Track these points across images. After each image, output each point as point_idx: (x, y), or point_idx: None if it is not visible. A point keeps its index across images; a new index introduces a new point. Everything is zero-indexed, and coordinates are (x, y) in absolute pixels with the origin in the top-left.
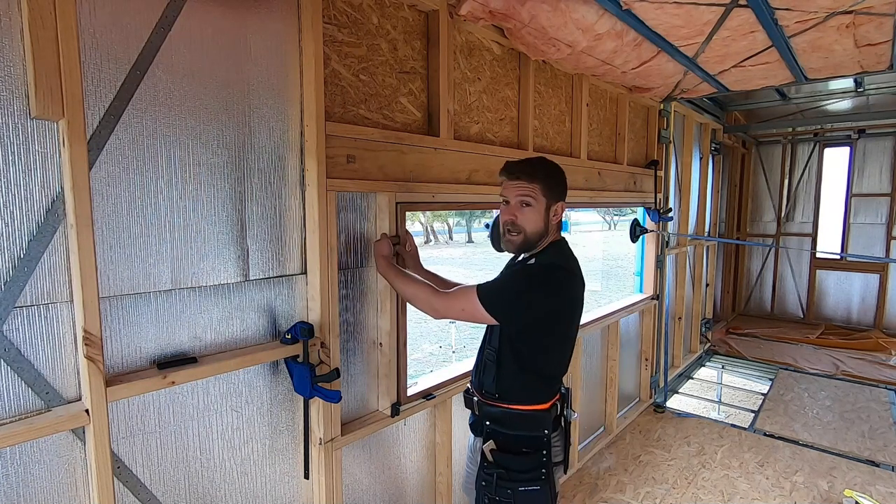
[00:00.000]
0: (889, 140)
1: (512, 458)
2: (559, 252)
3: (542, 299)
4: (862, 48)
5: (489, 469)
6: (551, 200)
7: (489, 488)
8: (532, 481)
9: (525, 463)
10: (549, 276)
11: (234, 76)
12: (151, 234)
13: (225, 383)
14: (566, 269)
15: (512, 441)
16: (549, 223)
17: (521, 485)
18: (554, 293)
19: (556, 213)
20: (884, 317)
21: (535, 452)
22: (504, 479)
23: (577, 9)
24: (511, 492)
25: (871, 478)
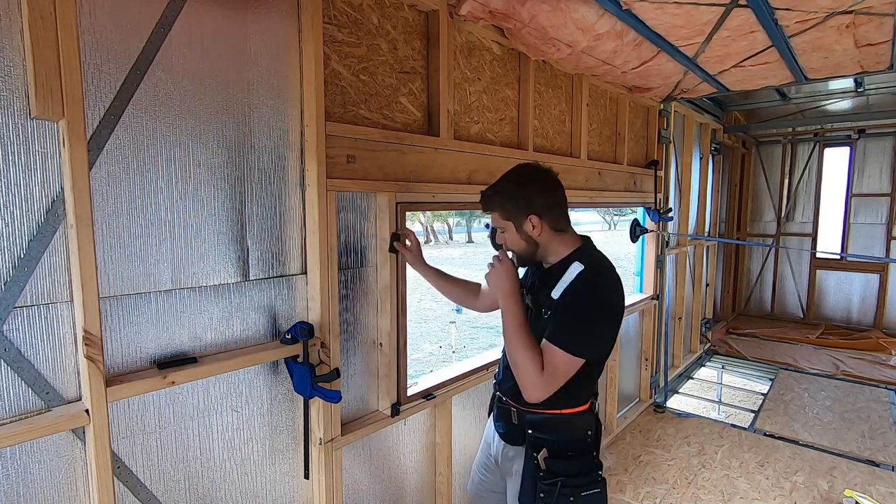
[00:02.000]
0: (889, 140)
1: (567, 463)
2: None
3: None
4: (862, 48)
5: (548, 479)
6: (517, 220)
7: (550, 498)
8: (592, 484)
9: (581, 467)
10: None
11: (234, 76)
12: (151, 234)
13: (225, 383)
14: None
15: (558, 447)
16: (535, 238)
17: (582, 489)
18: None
19: (533, 226)
20: (884, 317)
21: (585, 455)
22: (567, 485)
23: (577, 9)
24: (574, 499)
25: (871, 478)
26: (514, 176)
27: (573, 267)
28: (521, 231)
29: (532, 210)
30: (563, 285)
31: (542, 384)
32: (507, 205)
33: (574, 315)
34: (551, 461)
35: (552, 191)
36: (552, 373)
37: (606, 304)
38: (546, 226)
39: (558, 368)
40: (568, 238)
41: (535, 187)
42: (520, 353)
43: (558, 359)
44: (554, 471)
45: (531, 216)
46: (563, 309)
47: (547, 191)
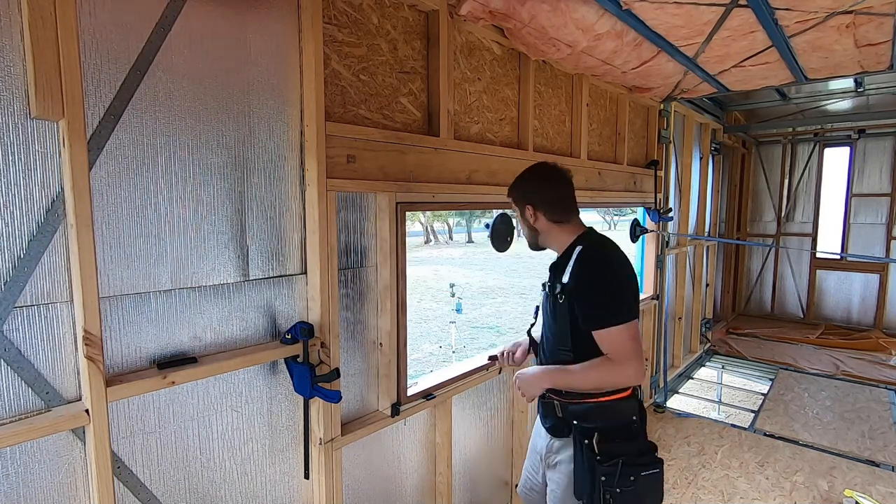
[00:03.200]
0: (889, 140)
1: (622, 445)
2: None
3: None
4: (862, 48)
5: (608, 461)
6: (521, 207)
7: (611, 480)
8: (652, 465)
9: (639, 447)
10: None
11: (234, 76)
12: (151, 233)
13: (225, 383)
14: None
15: (607, 433)
16: (532, 223)
17: (642, 469)
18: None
19: (530, 214)
20: (884, 317)
21: (636, 438)
22: (627, 465)
23: (577, 9)
24: (634, 478)
25: (871, 478)
26: (525, 171)
27: (576, 251)
28: (523, 217)
29: (528, 201)
30: (569, 268)
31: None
32: (516, 192)
33: (591, 292)
34: (606, 444)
35: (551, 186)
36: (620, 351)
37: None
38: (542, 216)
39: (621, 344)
40: (571, 228)
41: (534, 182)
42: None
43: (613, 337)
44: (612, 453)
45: (527, 206)
46: (577, 293)
47: (545, 186)
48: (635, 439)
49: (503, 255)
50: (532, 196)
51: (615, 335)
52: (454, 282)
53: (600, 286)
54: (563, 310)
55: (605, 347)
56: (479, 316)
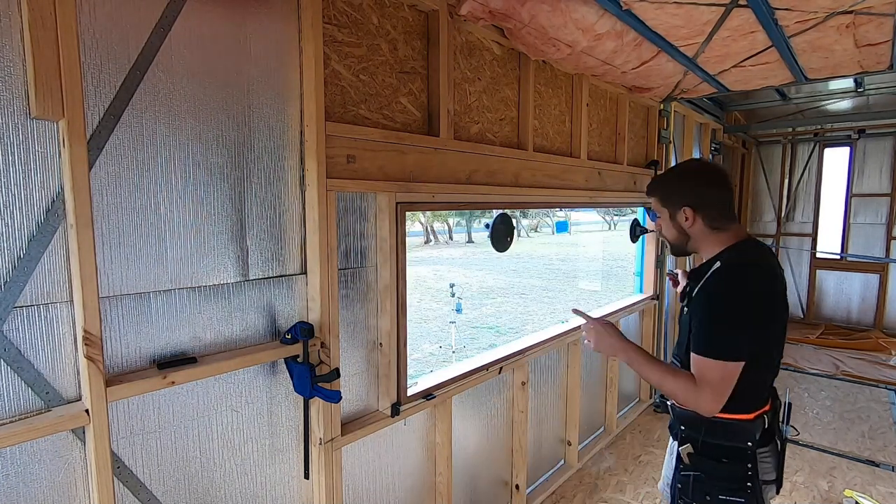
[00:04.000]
0: (889, 140)
1: (711, 463)
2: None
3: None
4: (862, 48)
5: (685, 471)
6: (672, 209)
7: (685, 491)
8: (735, 491)
9: (725, 471)
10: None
11: (234, 76)
12: (151, 234)
13: (225, 383)
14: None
15: (711, 448)
16: (686, 228)
17: (721, 493)
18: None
19: (686, 217)
20: (884, 317)
21: (738, 462)
22: (701, 482)
23: (577, 9)
24: (710, 498)
25: (871, 478)
26: (680, 167)
27: (714, 266)
28: (673, 220)
29: (687, 202)
30: (702, 281)
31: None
32: (664, 192)
33: (706, 316)
34: (695, 457)
35: (714, 188)
36: (708, 383)
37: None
38: (700, 220)
39: (710, 377)
40: (725, 236)
41: (696, 181)
42: (666, 385)
43: (705, 367)
44: (694, 466)
45: (685, 207)
46: (694, 309)
47: (708, 187)
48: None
49: (503, 255)
50: (692, 197)
51: (706, 365)
52: (454, 282)
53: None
54: (685, 321)
55: (693, 368)
56: (479, 316)
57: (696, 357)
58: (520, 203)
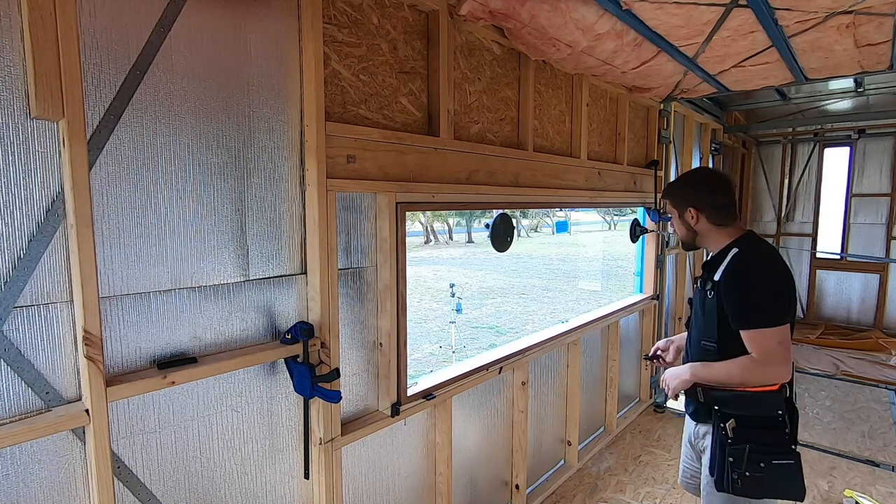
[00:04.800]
0: (889, 140)
1: (755, 433)
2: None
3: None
4: (862, 48)
5: (737, 444)
6: (681, 209)
7: (738, 463)
8: (785, 454)
9: (770, 438)
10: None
11: (234, 76)
12: (151, 233)
13: (225, 383)
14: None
15: (749, 420)
16: (693, 225)
17: (773, 458)
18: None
19: (691, 216)
20: (884, 317)
21: (777, 430)
22: (753, 451)
23: (577, 9)
24: (764, 465)
25: (871, 478)
26: (686, 174)
27: (731, 252)
28: (682, 219)
29: (691, 203)
30: (722, 267)
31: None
32: (674, 195)
33: (743, 292)
34: (739, 430)
35: (715, 192)
36: (771, 351)
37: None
38: (704, 218)
39: (767, 346)
40: (730, 230)
41: (698, 187)
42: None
43: (764, 338)
44: (743, 437)
45: (690, 208)
46: (728, 291)
47: (709, 191)
48: (771, 430)
49: (503, 255)
50: (695, 200)
51: (762, 337)
52: (454, 282)
53: (752, 288)
54: (711, 304)
55: (751, 347)
56: (479, 316)
57: (753, 332)
58: (520, 203)
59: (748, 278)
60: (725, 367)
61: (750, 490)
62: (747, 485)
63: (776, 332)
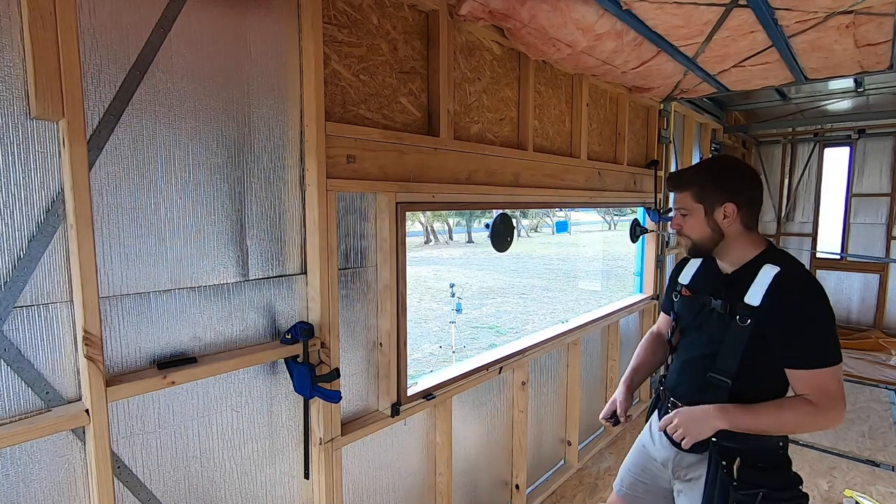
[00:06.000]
0: (889, 140)
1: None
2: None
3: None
4: (862, 48)
5: (745, 489)
6: (712, 203)
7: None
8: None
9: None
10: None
11: (234, 76)
12: (151, 233)
13: (225, 383)
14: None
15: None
16: (721, 226)
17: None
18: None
19: (725, 214)
20: (884, 317)
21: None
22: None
23: (577, 9)
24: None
25: (871, 478)
26: (717, 162)
27: (766, 269)
28: (709, 217)
29: (732, 198)
30: (759, 289)
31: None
32: (704, 185)
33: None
34: (746, 471)
35: (756, 185)
36: (830, 396)
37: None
38: (739, 218)
39: (834, 387)
40: (756, 238)
41: (741, 177)
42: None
43: (827, 378)
44: (752, 481)
45: (728, 203)
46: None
47: (751, 183)
48: (780, 469)
49: (503, 255)
50: (737, 193)
51: (825, 378)
52: (454, 282)
53: (817, 321)
54: (741, 334)
55: (805, 389)
56: (479, 316)
57: (815, 372)
58: (520, 203)
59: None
60: (777, 412)
61: None
62: None
63: (837, 371)
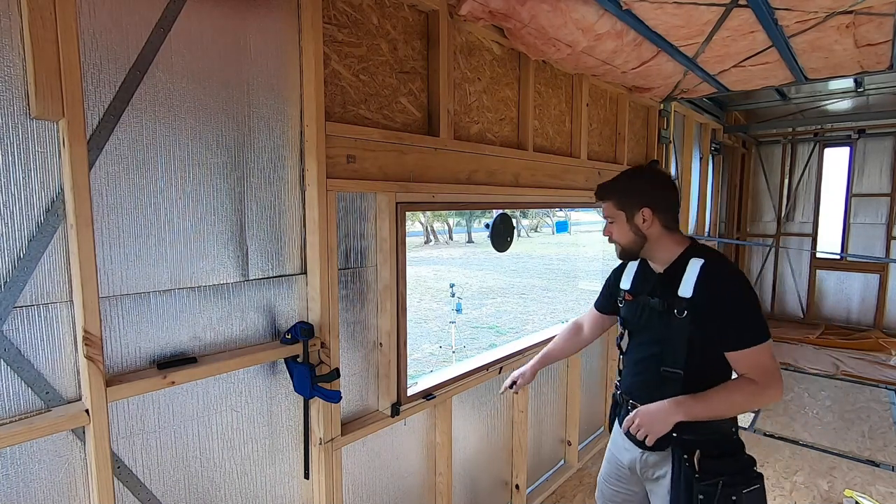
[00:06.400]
0: (889, 140)
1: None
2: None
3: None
4: (862, 48)
5: (707, 479)
6: (631, 209)
7: (710, 500)
8: (752, 480)
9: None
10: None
11: (234, 76)
12: (151, 233)
13: (225, 383)
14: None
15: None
16: (642, 229)
17: (743, 487)
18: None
19: (644, 218)
20: (884, 317)
21: (737, 453)
22: (727, 485)
23: (577, 9)
24: (735, 498)
25: (871, 478)
26: (632, 170)
27: (692, 263)
28: (630, 222)
29: (645, 202)
30: (689, 282)
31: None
32: (621, 194)
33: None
34: (706, 461)
35: (667, 189)
36: (769, 368)
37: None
38: (658, 221)
39: (768, 362)
40: (678, 237)
41: (651, 182)
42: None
43: (762, 354)
44: (712, 471)
45: (644, 209)
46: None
47: (663, 188)
48: (736, 455)
49: (503, 255)
50: (649, 198)
51: (760, 355)
52: (454, 282)
53: (743, 304)
54: (681, 326)
55: (745, 368)
56: (479, 316)
57: (749, 350)
58: (520, 203)
59: (739, 291)
60: (727, 396)
61: None
62: None
63: (769, 347)
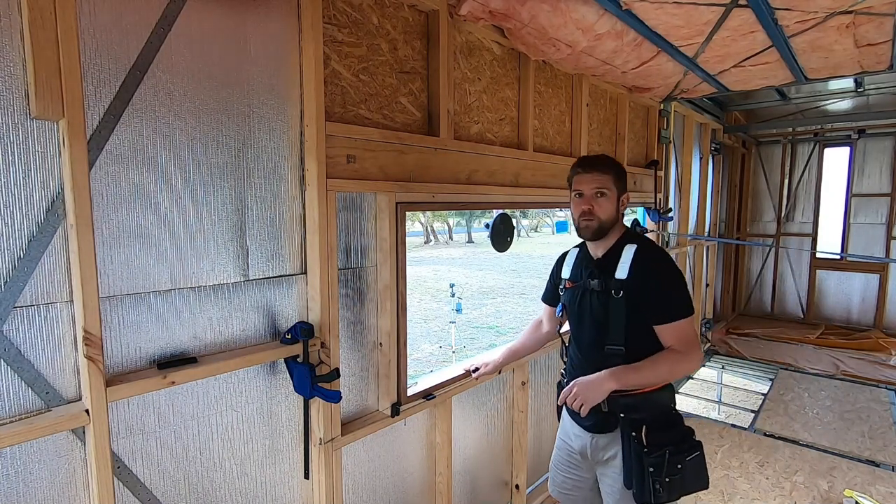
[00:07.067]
0: (889, 140)
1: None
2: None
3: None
4: (862, 48)
5: (655, 452)
6: (621, 191)
7: (659, 471)
8: (693, 449)
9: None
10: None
11: (234, 76)
12: (151, 233)
13: (225, 383)
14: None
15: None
16: (620, 211)
17: (686, 455)
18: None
19: (623, 202)
20: (884, 317)
21: (678, 425)
22: (672, 454)
23: (577, 9)
24: (680, 465)
25: (871, 478)
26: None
27: (627, 248)
28: (618, 201)
29: (626, 188)
30: (624, 265)
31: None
32: (619, 174)
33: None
34: (653, 434)
35: None
36: (692, 340)
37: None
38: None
39: (688, 335)
40: (621, 224)
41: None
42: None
43: (687, 327)
44: (658, 443)
45: (627, 193)
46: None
47: None
48: (676, 427)
49: (503, 255)
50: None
51: (683, 327)
52: (454, 282)
53: (671, 282)
54: (618, 305)
55: (671, 340)
56: (479, 316)
57: (676, 324)
58: (520, 203)
59: (667, 271)
60: (652, 366)
61: (671, 495)
62: (668, 490)
63: (692, 321)
